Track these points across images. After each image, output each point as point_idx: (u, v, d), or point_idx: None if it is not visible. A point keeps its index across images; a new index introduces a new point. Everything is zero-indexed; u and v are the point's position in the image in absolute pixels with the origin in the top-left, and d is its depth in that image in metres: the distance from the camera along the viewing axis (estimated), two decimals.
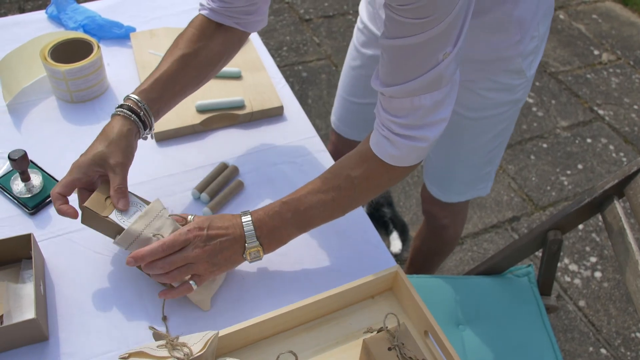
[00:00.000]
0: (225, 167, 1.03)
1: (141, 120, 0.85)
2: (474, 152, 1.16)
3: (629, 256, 0.91)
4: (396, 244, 1.91)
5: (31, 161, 0.99)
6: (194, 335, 0.72)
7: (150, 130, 0.89)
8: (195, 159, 1.05)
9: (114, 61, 1.23)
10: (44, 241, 0.89)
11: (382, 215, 1.97)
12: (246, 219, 0.81)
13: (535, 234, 1.13)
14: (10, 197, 0.94)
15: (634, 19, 3.17)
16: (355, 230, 0.96)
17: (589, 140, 2.42)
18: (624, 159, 2.35)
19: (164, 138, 1.07)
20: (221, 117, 1.11)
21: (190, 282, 0.80)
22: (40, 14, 1.32)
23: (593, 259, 1.97)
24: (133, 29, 1.29)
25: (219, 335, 0.73)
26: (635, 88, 2.71)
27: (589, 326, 1.79)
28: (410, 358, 0.71)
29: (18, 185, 0.95)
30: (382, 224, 1.97)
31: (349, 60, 1.28)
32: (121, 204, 0.80)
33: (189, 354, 0.68)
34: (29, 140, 1.05)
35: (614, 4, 3.27)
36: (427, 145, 0.79)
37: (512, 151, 2.34)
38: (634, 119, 2.54)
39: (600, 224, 2.08)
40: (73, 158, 0.90)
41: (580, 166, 2.31)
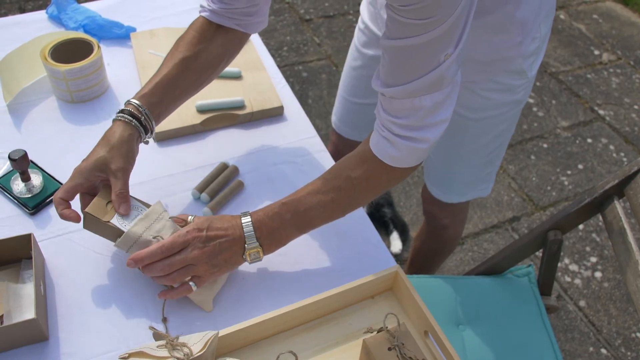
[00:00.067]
0: (225, 167, 1.03)
1: (142, 125, 0.85)
2: (474, 153, 1.16)
3: (629, 256, 0.91)
4: (396, 244, 1.91)
5: (31, 161, 0.99)
6: (193, 335, 0.72)
7: (151, 135, 0.89)
8: (196, 159, 1.05)
9: (114, 61, 1.23)
10: (44, 241, 0.89)
11: (383, 215, 1.97)
12: (246, 220, 0.81)
13: (535, 234, 1.13)
14: (11, 197, 0.94)
15: (634, 19, 3.17)
16: (355, 231, 0.96)
17: (589, 140, 2.42)
18: (625, 159, 2.35)
19: (164, 138, 1.07)
20: (221, 117, 1.11)
21: (190, 283, 0.80)
22: (40, 14, 1.32)
23: (593, 259, 1.97)
24: (133, 29, 1.29)
25: (219, 335, 0.73)
26: (636, 88, 2.71)
27: (589, 326, 1.78)
28: (410, 358, 0.71)
29: (18, 185, 0.95)
30: (383, 224, 1.97)
31: (349, 60, 1.28)
32: (123, 208, 0.80)
33: (189, 354, 0.68)
34: (29, 140, 1.05)
35: (615, 4, 3.27)
36: (428, 147, 0.79)
37: (513, 151, 2.34)
38: (634, 119, 2.54)
39: (600, 224, 2.08)
40: (73, 158, 0.90)
41: (580, 166, 2.31)
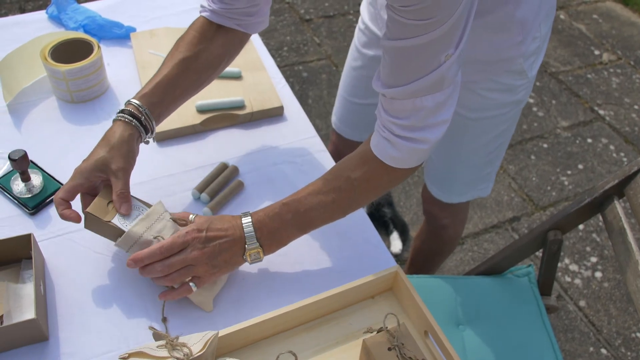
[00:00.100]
0: (225, 167, 1.03)
1: (142, 125, 0.85)
2: (474, 153, 1.16)
3: (629, 256, 0.91)
4: (396, 244, 1.91)
5: (31, 161, 0.99)
6: (193, 335, 0.72)
7: (151, 135, 0.89)
8: (196, 159, 1.05)
9: (114, 61, 1.23)
10: (44, 241, 0.89)
11: (383, 215, 1.97)
12: (246, 220, 0.81)
13: (535, 234, 1.13)
14: (11, 197, 0.94)
15: (634, 19, 3.17)
16: (355, 231, 0.96)
17: (589, 140, 2.42)
18: (625, 159, 2.35)
19: (164, 138, 1.07)
20: (221, 117, 1.11)
21: (190, 284, 0.80)
22: (40, 14, 1.32)
23: (593, 259, 1.97)
24: (133, 29, 1.29)
25: (219, 335, 0.73)
26: (636, 88, 2.71)
27: (590, 326, 1.78)
28: (410, 358, 0.71)
29: (18, 186, 0.95)
30: (383, 224, 1.97)
31: (349, 60, 1.28)
32: (124, 208, 0.81)
33: (189, 354, 0.68)
34: (29, 140, 1.05)
35: (615, 4, 3.27)
36: (428, 147, 0.79)
37: (513, 151, 2.34)
38: (634, 119, 2.54)
39: (600, 224, 2.08)
40: (73, 158, 0.90)
41: (580, 166, 2.31)
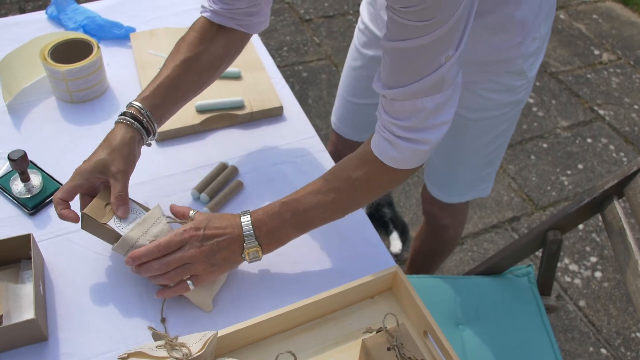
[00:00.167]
0: (224, 167, 1.03)
1: (144, 127, 0.85)
2: (474, 153, 1.16)
3: (629, 256, 0.91)
4: (396, 244, 1.91)
5: (31, 161, 0.99)
6: (193, 335, 0.72)
7: (153, 137, 0.89)
8: (195, 159, 1.05)
9: (113, 61, 1.23)
10: (44, 241, 0.89)
11: (382, 216, 1.97)
12: (245, 219, 0.81)
13: (535, 234, 1.12)
14: (10, 198, 0.94)
15: (634, 19, 3.17)
16: (355, 231, 0.96)
17: (589, 140, 2.42)
18: (624, 159, 2.35)
19: (164, 138, 1.07)
20: (221, 117, 1.11)
21: (188, 282, 0.80)
22: (40, 15, 1.32)
23: (593, 259, 1.97)
24: (133, 29, 1.29)
25: (218, 335, 0.73)
26: (636, 88, 2.71)
27: (589, 326, 1.78)
28: (409, 358, 0.71)
29: (18, 186, 0.95)
30: (382, 224, 1.97)
31: (349, 60, 1.28)
32: (121, 211, 0.81)
33: (188, 354, 0.68)
34: (28, 140, 1.05)
35: (615, 3, 3.27)
36: (429, 148, 0.78)
37: (512, 151, 2.34)
38: (634, 118, 2.54)
39: (600, 224, 2.08)
40: (73, 158, 0.90)
41: (580, 166, 2.31)
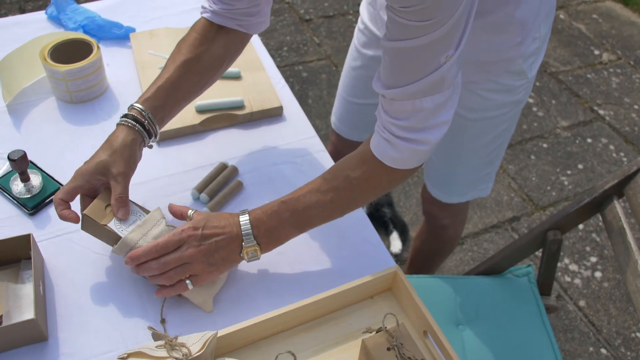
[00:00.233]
0: (224, 167, 1.03)
1: (145, 129, 0.85)
2: (474, 153, 1.16)
3: (629, 256, 0.91)
4: (396, 244, 1.91)
5: (31, 161, 0.99)
6: (192, 335, 0.72)
7: (155, 139, 0.89)
8: (195, 159, 1.05)
9: (113, 61, 1.23)
10: (44, 241, 0.89)
11: (382, 215, 1.97)
12: (244, 218, 0.81)
13: (535, 234, 1.13)
14: (10, 198, 0.94)
15: (634, 19, 3.17)
16: (354, 231, 0.96)
17: (589, 140, 2.42)
18: (624, 159, 2.35)
19: (164, 138, 1.07)
20: (221, 117, 1.11)
21: (187, 282, 0.80)
22: (40, 15, 1.32)
23: (593, 259, 1.97)
24: (133, 29, 1.29)
25: (218, 335, 0.73)
26: (636, 88, 2.71)
27: (589, 326, 1.78)
28: (409, 358, 0.71)
29: (17, 186, 0.95)
30: (382, 224, 1.97)
31: (349, 60, 1.28)
32: (121, 213, 0.81)
33: (188, 354, 0.68)
34: (28, 140, 1.05)
35: (615, 3, 3.27)
36: (428, 149, 0.78)
37: (512, 151, 2.34)
38: (634, 118, 2.54)
39: (600, 224, 2.08)
40: (73, 158, 0.90)
41: (580, 166, 2.31)
